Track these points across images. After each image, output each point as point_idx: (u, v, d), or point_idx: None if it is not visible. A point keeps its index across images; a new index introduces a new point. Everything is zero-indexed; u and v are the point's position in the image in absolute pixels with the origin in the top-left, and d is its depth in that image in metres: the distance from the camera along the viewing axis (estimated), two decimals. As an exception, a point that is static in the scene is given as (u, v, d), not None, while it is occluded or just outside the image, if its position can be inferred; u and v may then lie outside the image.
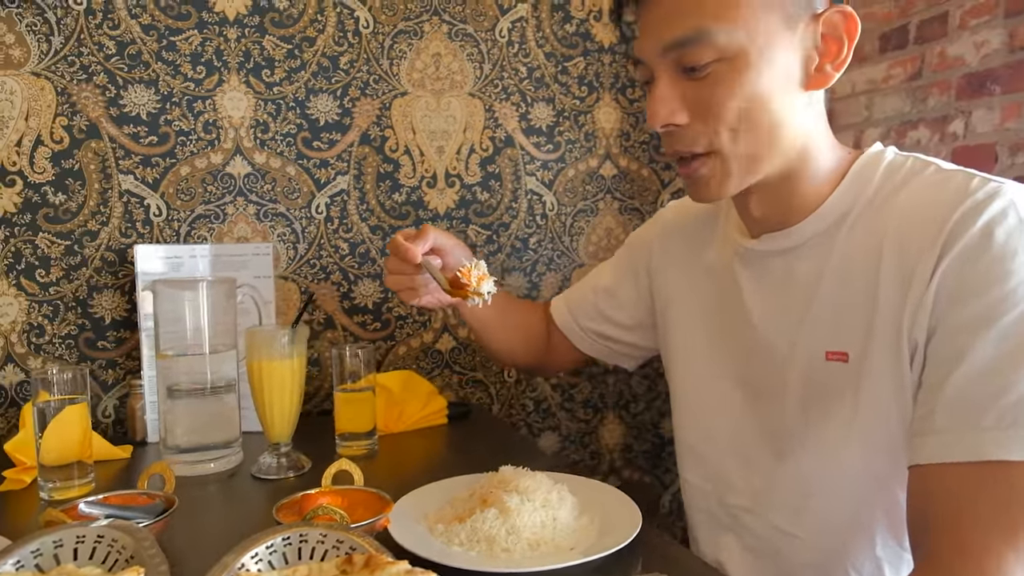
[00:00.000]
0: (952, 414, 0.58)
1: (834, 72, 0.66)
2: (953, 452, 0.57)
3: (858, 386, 0.66)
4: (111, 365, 1.15)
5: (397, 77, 1.28)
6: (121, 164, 1.13)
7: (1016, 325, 0.56)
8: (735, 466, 0.79)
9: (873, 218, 0.67)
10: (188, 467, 0.94)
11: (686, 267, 0.88)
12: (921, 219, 0.63)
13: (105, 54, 1.11)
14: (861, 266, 0.67)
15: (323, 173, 1.25)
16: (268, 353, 0.92)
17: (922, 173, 0.67)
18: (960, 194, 0.61)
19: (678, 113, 0.67)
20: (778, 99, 0.65)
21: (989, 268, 0.58)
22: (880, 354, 0.65)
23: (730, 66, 0.63)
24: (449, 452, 1.07)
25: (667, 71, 0.67)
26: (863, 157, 0.71)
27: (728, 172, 0.68)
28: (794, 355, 0.72)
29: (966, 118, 1.14)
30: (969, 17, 1.12)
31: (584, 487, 0.79)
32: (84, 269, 1.13)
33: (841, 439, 0.68)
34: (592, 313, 1.00)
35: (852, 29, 0.65)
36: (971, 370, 0.57)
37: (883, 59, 1.27)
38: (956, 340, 0.58)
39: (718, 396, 0.82)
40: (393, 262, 0.88)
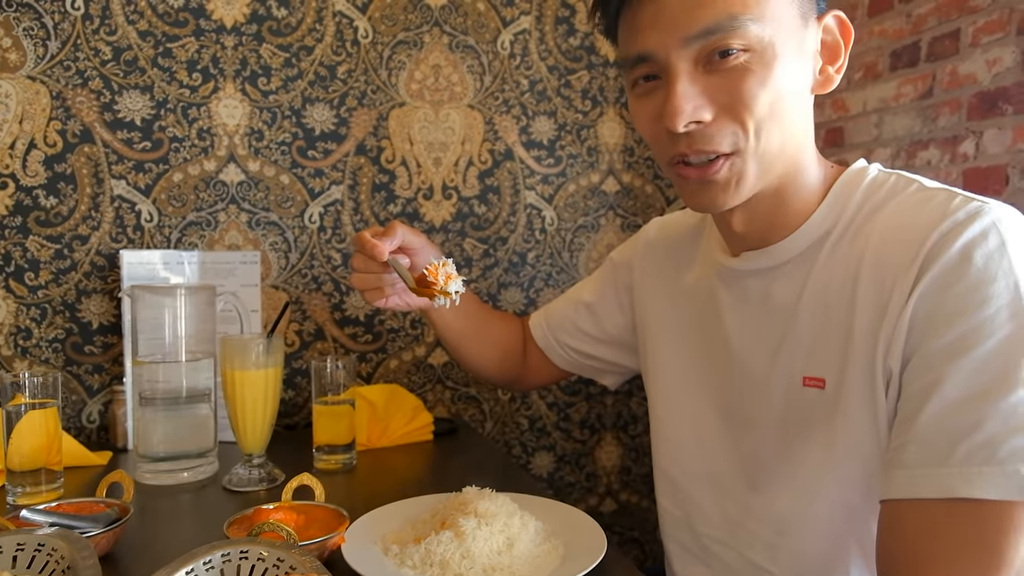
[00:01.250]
0: (923, 448, 0.54)
1: (835, 76, 0.64)
2: (922, 488, 0.54)
3: (834, 414, 0.63)
4: (97, 370, 1.15)
5: (395, 87, 1.27)
6: (114, 169, 1.14)
7: (992, 356, 0.53)
8: (709, 495, 0.76)
9: (852, 239, 0.64)
10: (161, 476, 0.93)
11: (667, 287, 0.85)
12: (899, 240, 0.60)
13: (101, 59, 1.12)
14: (838, 289, 0.64)
15: (317, 182, 1.24)
16: (242, 363, 0.90)
17: (904, 192, 0.64)
18: (940, 214, 0.58)
19: (703, 109, 0.61)
20: (798, 97, 0.63)
21: (966, 294, 0.54)
22: (856, 382, 0.61)
23: (759, 58, 0.60)
24: (429, 470, 1.04)
25: (687, 65, 0.61)
26: (846, 174, 0.68)
27: (745, 174, 0.63)
28: (771, 381, 0.69)
29: (977, 138, 1.09)
30: (981, 34, 1.08)
31: (551, 511, 0.76)
32: (73, 273, 1.13)
33: (817, 470, 0.65)
34: (571, 329, 0.97)
35: (847, 35, 0.64)
36: (944, 403, 0.54)
37: (894, 77, 1.23)
38: (930, 370, 0.55)
39: (694, 421, 0.78)
40: (359, 259, 0.84)
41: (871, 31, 1.28)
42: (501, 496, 0.73)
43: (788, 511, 0.67)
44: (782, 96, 0.61)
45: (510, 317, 1.05)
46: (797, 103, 0.63)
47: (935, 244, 0.57)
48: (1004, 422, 0.51)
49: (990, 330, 0.53)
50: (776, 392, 0.68)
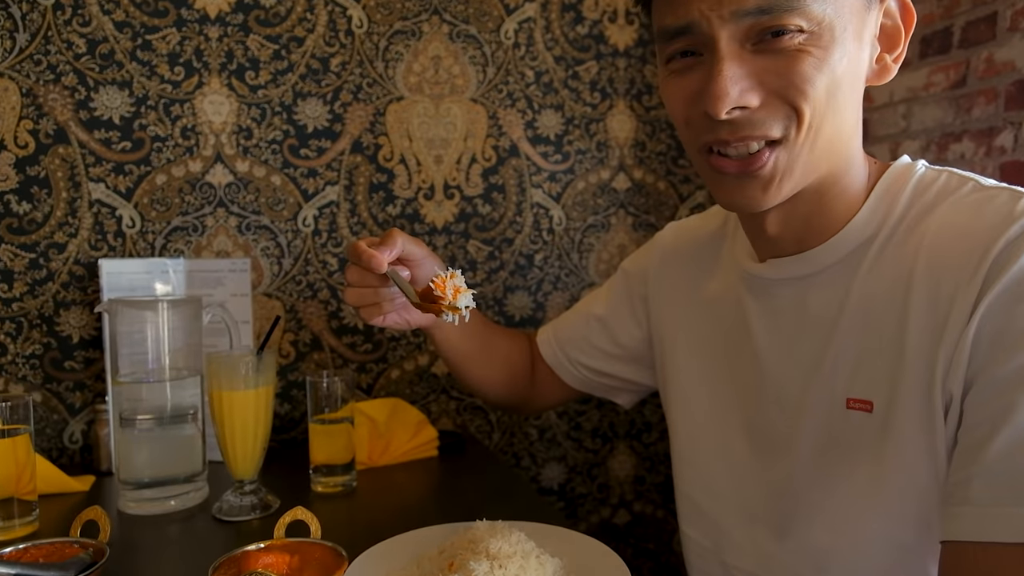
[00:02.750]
0: (994, 485, 0.48)
1: (893, 65, 0.59)
2: (994, 530, 0.48)
3: (883, 440, 0.56)
4: (79, 387, 1.07)
5: (393, 81, 1.20)
6: (91, 171, 1.06)
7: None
8: (739, 524, 0.69)
9: (901, 244, 0.58)
10: (147, 504, 0.86)
11: (686, 298, 0.77)
12: (957, 248, 0.53)
13: (75, 53, 1.04)
14: (886, 300, 0.57)
15: (311, 183, 1.16)
16: (230, 382, 0.83)
17: (958, 191, 0.57)
18: (1004, 218, 0.52)
19: (749, 93, 0.55)
20: (854, 86, 0.57)
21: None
22: (909, 405, 0.55)
23: (817, 39, 0.54)
24: (436, 491, 0.97)
25: (734, 43, 0.54)
26: (889, 172, 0.61)
27: (792, 170, 0.57)
28: (808, 401, 0.62)
29: (1016, 130, 1.02)
30: (1020, 18, 1.00)
31: (569, 544, 0.69)
32: (50, 284, 1.05)
33: (862, 502, 0.58)
34: (583, 345, 0.89)
35: (909, 20, 0.58)
36: (1017, 434, 0.48)
37: (923, 64, 1.15)
38: (999, 397, 0.49)
39: (721, 445, 0.71)
40: (354, 272, 0.74)
41: (898, 15, 1.20)
42: (515, 532, 0.66)
43: (828, 546, 0.61)
44: (839, 83, 0.54)
45: (517, 333, 0.97)
46: (851, 93, 0.56)
47: (1002, 252, 0.50)
48: None
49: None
50: (814, 415, 0.62)
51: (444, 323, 0.82)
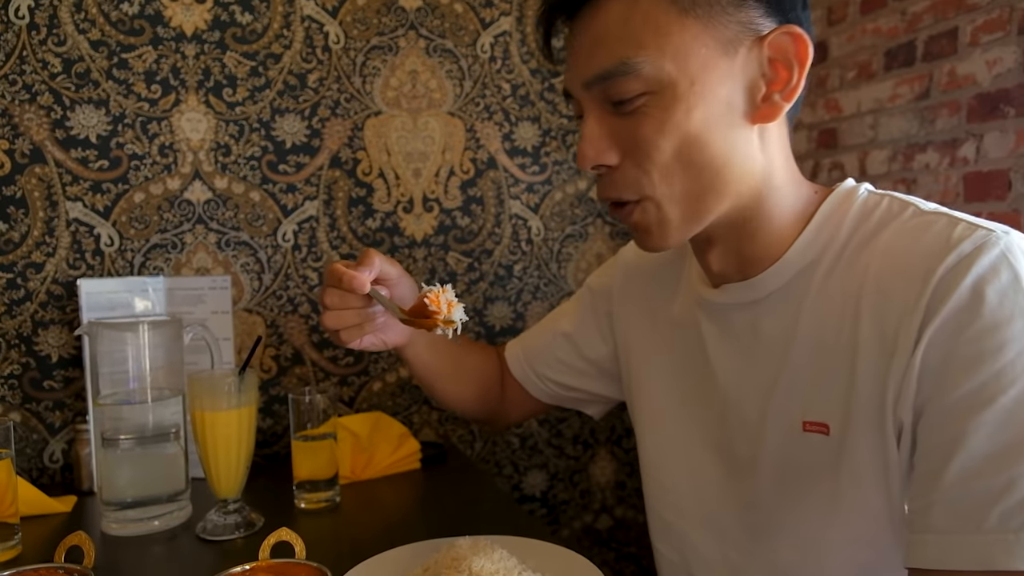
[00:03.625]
0: (951, 512, 0.50)
1: (783, 102, 0.58)
2: (954, 558, 0.49)
3: (839, 463, 0.58)
4: (59, 406, 1.07)
5: (370, 95, 1.21)
6: (68, 190, 1.06)
7: (1015, 406, 0.48)
8: (708, 540, 0.70)
9: (847, 270, 0.59)
10: (130, 525, 0.86)
11: (649, 316, 0.79)
12: (900, 275, 0.54)
13: (50, 72, 1.04)
14: (836, 325, 0.58)
15: (290, 198, 1.17)
16: (212, 403, 0.84)
17: (899, 217, 0.58)
18: (943, 244, 0.53)
19: (607, 153, 0.59)
20: (719, 135, 0.57)
21: (981, 338, 0.49)
22: (862, 429, 0.56)
23: (659, 100, 0.56)
24: (419, 505, 0.99)
25: (596, 105, 0.59)
26: (832, 196, 0.62)
27: (666, 219, 0.60)
28: (767, 424, 0.63)
29: (978, 142, 1.05)
30: (980, 33, 1.04)
31: (549, 559, 0.71)
32: (28, 304, 1.05)
33: (821, 523, 0.60)
34: (551, 361, 0.90)
35: (803, 53, 0.56)
36: (969, 461, 0.49)
37: (889, 76, 1.19)
38: (949, 425, 0.50)
39: (687, 463, 0.73)
40: (333, 295, 0.72)
41: (864, 29, 1.23)
42: (497, 549, 0.67)
43: (795, 563, 0.63)
44: (694, 137, 0.56)
45: (487, 348, 0.97)
46: (724, 140, 0.57)
47: (942, 280, 0.52)
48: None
49: (1011, 377, 0.48)
50: (773, 437, 0.63)
51: (417, 341, 0.83)
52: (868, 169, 1.24)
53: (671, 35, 0.55)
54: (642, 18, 0.56)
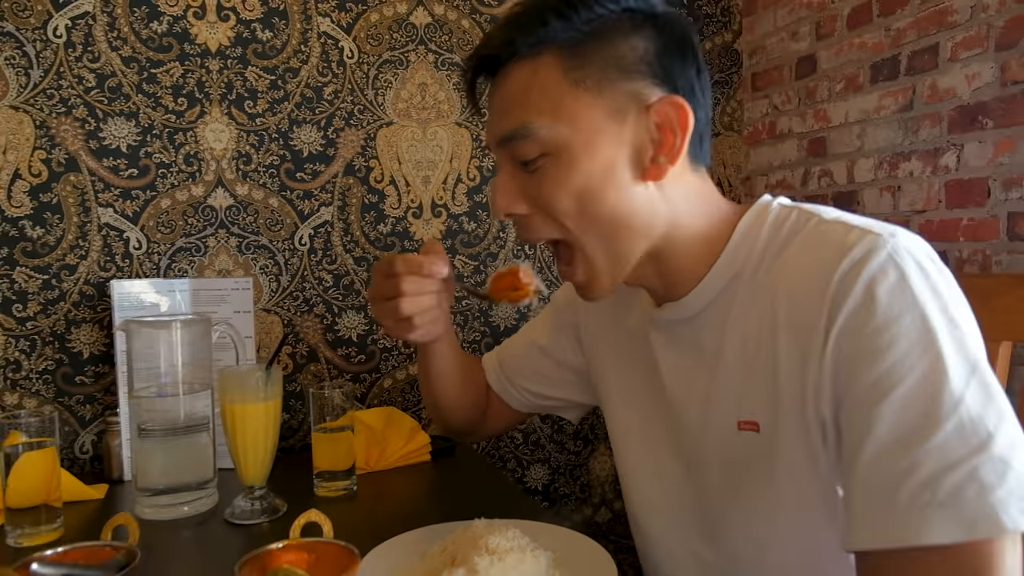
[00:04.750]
0: (865, 496, 0.54)
1: (668, 164, 0.63)
2: (873, 538, 0.53)
3: (773, 458, 0.63)
4: (89, 400, 1.13)
5: (382, 107, 1.27)
6: (100, 197, 1.12)
7: (913, 395, 0.52)
8: (675, 537, 0.76)
9: (763, 281, 0.64)
10: (160, 511, 0.92)
11: (611, 330, 0.84)
12: (805, 285, 0.60)
13: (85, 87, 1.10)
14: (757, 332, 0.63)
15: (307, 204, 1.24)
16: (241, 396, 0.90)
17: (805, 227, 0.63)
18: (837, 252, 0.58)
19: (516, 203, 0.66)
20: (613, 192, 0.63)
21: (876, 335, 0.54)
22: (789, 426, 0.61)
23: (556, 161, 0.63)
24: (431, 493, 1.05)
25: (506, 162, 0.66)
26: (748, 215, 0.67)
27: (595, 269, 0.66)
28: (707, 425, 0.69)
29: (958, 151, 1.12)
30: (960, 49, 1.10)
31: (559, 539, 0.77)
32: (62, 303, 1.11)
33: (766, 515, 0.65)
34: (528, 373, 0.95)
35: (684, 120, 0.62)
36: (877, 448, 0.53)
37: (874, 89, 1.25)
38: (858, 416, 0.55)
39: (651, 464, 0.78)
40: (411, 283, 0.75)
41: (851, 43, 1.30)
42: (511, 528, 0.73)
43: (752, 554, 0.68)
44: (590, 195, 0.62)
45: (477, 359, 1.03)
46: (620, 196, 0.63)
47: (838, 287, 0.57)
48: (938, 461, 0.51)
49: (906, 368, 0.53)
50: (713, 437, 0.69)
51: (446, 338, 0.88)
52: (855, 177, 1.30)
53: (564, 104, 0.62)
54: (540, 88, 0.62)
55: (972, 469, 0.50)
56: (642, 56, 0.63)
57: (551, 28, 0.62)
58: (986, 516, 0.49)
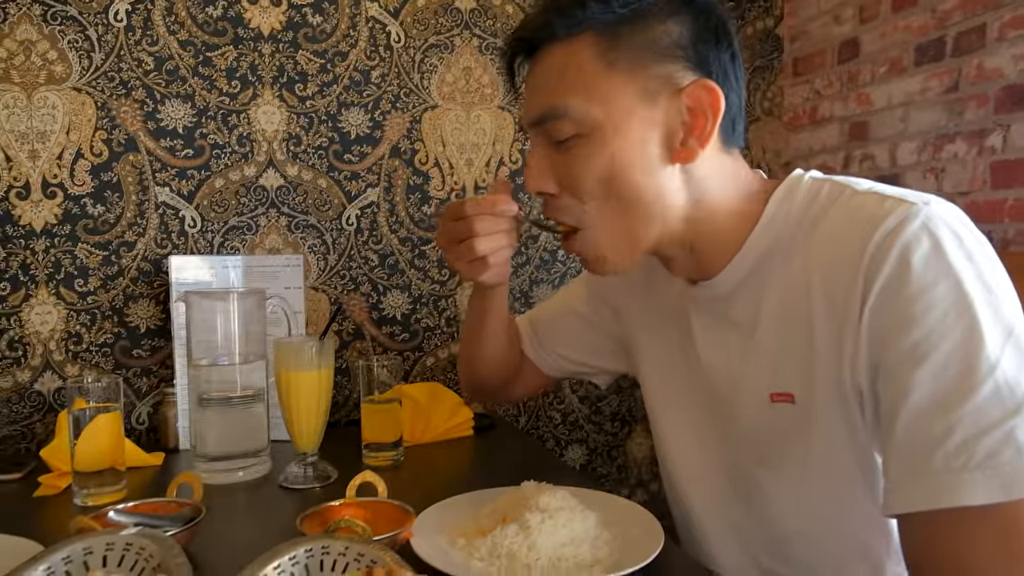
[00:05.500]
0: (903, 461, 0.55)
1: (699, 147, 0.64)
2: (909, 501, 0.54)
3: (808, 428, 0.65)
4: (145, 373, 1.18)
5: (428, 90, 1.30)
6: (158, 177, 1.16)
7: (949, 360, 0.53)
8: (709, 503, 0.78)
9: (799, 255, 0.65)
10: (217, 475, 0.96)
11: (647, 304, 0.85)
12: (840, 255, 0.61)
13: (144, 69, 1.15)
14: (793, 305, 0.65)
15: (354, 185, 1.27)
16: (296, 364, 0.93)
17: (838, 200, 0.64)
18: (872, 223, 0.59)
19: (547, 182, 0.68)
20: (641, 173, 0.64)
21: (912, 302, 0.55)
22: (825, 396, 0.63)
23: (588, 140, 0.64)
24: (474, 464, 1.07)
25: (540, 141, 0.68)
26: (779, 190, 0.68)
27: (601, 249, 0.68)
28: (740, 397, 0.71)
29: (1004, 131, 1.11)
30: (1008, 28, 1.09)
31: (606, 503, 0.78)
32: (121, 279, 1.16)
33: (798, 483, 0.67)
34: (564, 338, 0.96)
35: (716, 104, 0.63)
36: (913, 413, 0.54)
37: (919, 71, 1.25)
38: (895, 381, 0.56)
39: (686, 434, 0.80)
40: (488, 222, 0.77)
41: (896, 26, 1.29)
42: (560, 490, 0.75)
43: (783, 518, 0.70)
44: (619, 174, 0.64)
45: None
46: (648, 177, 0.64)
47: (873, 256, 0.57)
48: (974, 424, 0.51)
49: (941, 334, 0.54)
50: (747, 409, 0.70)
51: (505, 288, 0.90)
52: (898, 160, 1.30)
53: (598, 85, 0.63)
54: (575, 69, 0.64)
55: (1008, 431, 0.51)
56: (676, 40, 0.64)
57: (589, 10, 0.64)
58: (1023, 477, 0.49)
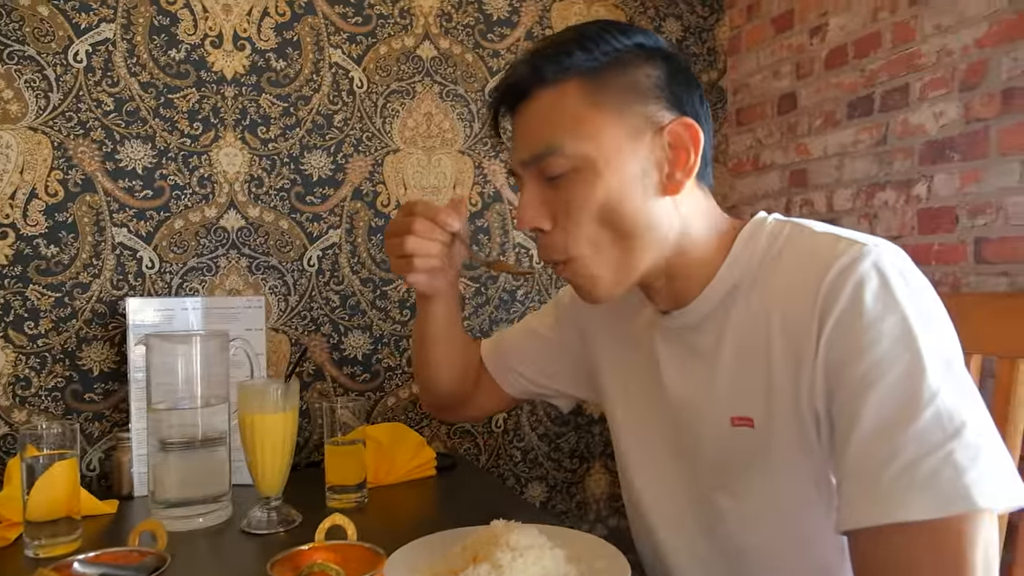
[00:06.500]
0: (854, 480, 0.59)
1: (684, 179, 0.70)
2: (860, 518, 0.58)
3: (768, 451, 0.69)
4: (98, 417, 1.14)
5: (389, 135, 1.32)
6: (115, 217, 1.15)
7: (895, 387, 0.58)
8: (673, 535, 0.81)
9: (760, 289, 0.70)
10: (176, 522, 0.94)
11: (614, 332, 0.89)
12: (797, 291, 0.66)
13: (103, 110, 1.14)
14: (753, 336, 0.69)
15: (316, 227, 1.28)
16: (260, 407, 0.93)
17: (797, 239, 0.70)
18: (828, 261, 0.64)
19: (541, 218, 0.72)
20: (632, 204, 0.69)
21: (863, 333, 0.60)
22: (783, 420, 0.67)
23: (582, 174, 0.69)
24: (439, 505, 1.08)
25: (532, 179, 0.72)
26: (745, 229, 0.74)
27: (595, 277, 0.72)
28: (703, 423, 0.74)
29: (928, 182, 1.20)
30: (928, 89, 1.20)
31: (572, 539, 0.80)
32: (74, 321, 1.13)
33: (760, 509, 0.70)
34: (525, 359, 0.99)
35: (696, 138, 0.69)
36: (862, 435, 0.59)
37: (851, 124, 1.34)
38: (847, 407, 0.61)
39: (651, 463, 0.83)
40: (424, 225, 0.82)
41: (829, 83, 1.39)
42: (529, 528, 0.77)
43: (744, 544, 0.73)
44: (611, 206, 0.69)
45: (474, 340, 1.06)
46: (639, 208, 0.69)
47: (828, 292, 0.63)
48: (917, 447, 0.56)
49: (889, 363, 0.59)
50: (709, 433, 0.74)
51: (442, 299, 0.91)
52: (835, 205, 1.39)
53: (587, 124, 0.68)
54: (565, 111, 0.69)
55: (948, 453, 0.55)
56: (655, 82, 0.70)
57: (575, 58, 0.69)
58: (961, 495, 0.54)
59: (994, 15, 1.09)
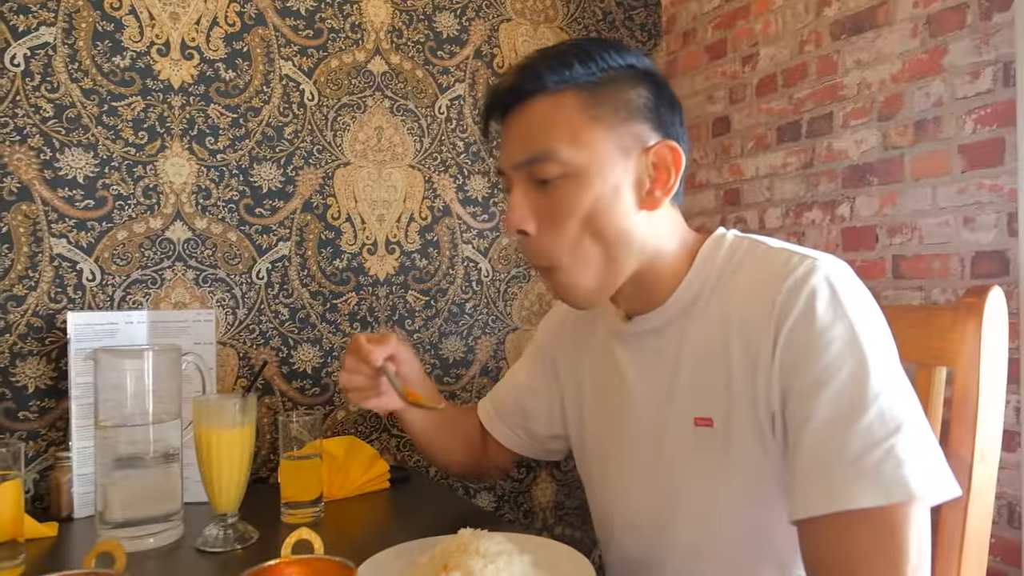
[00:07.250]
0: (805, 473, 0.65)
1: (662, 197, 0.75)
2: (811, 506, 0.64)
3: (727, 449, 0.74)
4: (33, 436, 1.09)
5: (340, 148, 1.33)
6: (53, 228, 1.11)
7: (844, 387, 0.64)
8: (630, 540, 0.85)
9: (720, 298, 0.75)
10: (125, 543, 0.90)
11: (580, 350, 0.94)
12: (755, 298, 0.71)
13: (42, 116, 1.10)
14: (712, 341, 0.74)
15: (265, 239, 1.26)
16: (218, 423, 0.91)
17: (754, 253, 0.76)
18: (782, 274, 0.70)
19: (528, 221, 0.75)
20: (617, 215, 0.73)
21: (815, 339, 0.66)
22: (742, 420, 0.72)
23: (573, 181, 0.73)
24: (396, 517, 1.08)
25: (522, 182, 0.75)
26: (707, 243, 0.79)
27: (576, 284, 0.76)
28: (666, 422, 0.79)
29: (851, 203, 1.30)
30: (850, 118, 1.30)
31: (535, 545, 0.83)
32: (7, 336, 1.08)
33: (718, 500, 0.75)
34: (520, 412, 1.02)
35: (678, 161, 0.75)
36: (814, 432, 0.64)
37: (781, 148, 1.44)
38: (801, 405, 0.66)
39: (617, 467, 0.86)
40: (351, 360, 0.91)
41: (760, 108, 1.48)
42: (496, 535, 0.79)
43: (697, 540, 0.78)
44: (597, 215, 0.73)
45: (468, 409, 1.09)
46: (622, 219, 0.74)
47: (784, 300, 0.68)
48: (862, 441, 0.62)
49: (838, 366, 0.65)
50: (672, 432, 0.79)
51: (411, 409, 0.97)
52: (766, 223, 1.48)
53: (583, 134, 0.73)
54: (562, 119, 0.73)
55: (890, 447, 0.62)
56: (645, 103, 0.75)
57: (575, 70, 0.73)
58: (901, 484, 0.61)
59: (907, 53, 1.20)
